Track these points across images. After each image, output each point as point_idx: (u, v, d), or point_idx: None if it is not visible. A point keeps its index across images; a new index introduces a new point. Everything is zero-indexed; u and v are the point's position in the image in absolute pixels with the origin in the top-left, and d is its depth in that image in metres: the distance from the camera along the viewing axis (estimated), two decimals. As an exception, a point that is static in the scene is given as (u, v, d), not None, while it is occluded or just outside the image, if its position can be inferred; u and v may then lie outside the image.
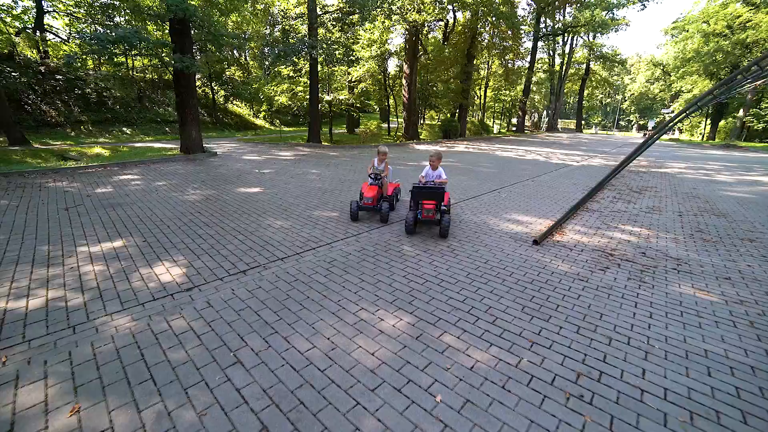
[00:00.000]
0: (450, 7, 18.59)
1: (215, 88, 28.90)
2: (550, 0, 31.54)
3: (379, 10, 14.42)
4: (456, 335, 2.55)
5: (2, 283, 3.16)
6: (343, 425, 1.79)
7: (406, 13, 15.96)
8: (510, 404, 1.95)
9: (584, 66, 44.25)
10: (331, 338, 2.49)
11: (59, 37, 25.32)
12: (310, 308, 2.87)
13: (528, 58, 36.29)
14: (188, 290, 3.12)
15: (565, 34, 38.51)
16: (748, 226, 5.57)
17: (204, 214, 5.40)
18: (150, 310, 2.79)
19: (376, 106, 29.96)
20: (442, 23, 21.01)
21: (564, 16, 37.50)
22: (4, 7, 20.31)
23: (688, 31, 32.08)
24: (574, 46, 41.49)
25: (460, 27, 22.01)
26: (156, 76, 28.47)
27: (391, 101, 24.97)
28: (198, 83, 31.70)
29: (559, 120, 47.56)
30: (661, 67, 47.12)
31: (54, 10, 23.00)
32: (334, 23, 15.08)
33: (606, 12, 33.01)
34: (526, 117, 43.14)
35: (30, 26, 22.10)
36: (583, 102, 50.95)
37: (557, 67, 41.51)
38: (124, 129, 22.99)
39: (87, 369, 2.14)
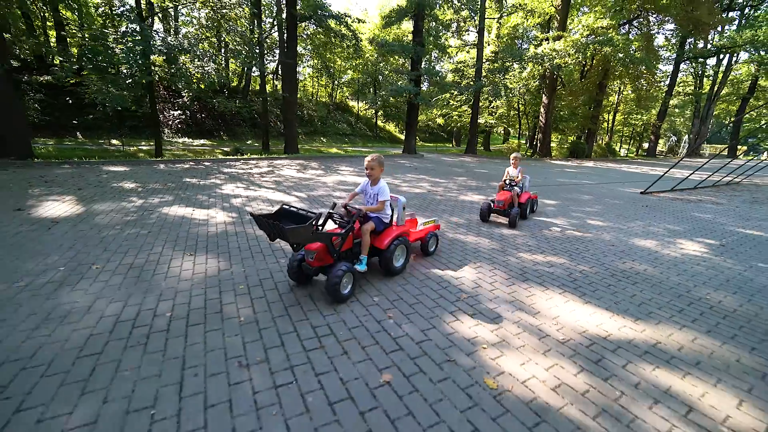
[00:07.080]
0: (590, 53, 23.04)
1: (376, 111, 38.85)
2: (700, 24, 29.29)
3: (533, 60, 20.25)
4: (612, 197, 8.27)
5: (443, 186, 10.20)
6: (580, 206, 7.85)
7: (553, 60, 21.32)
8: (629, 209, 7.62)
9: (748, 83, 39.02)
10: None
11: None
12: (551, 197, 9.01)
13: (667, 81, 35.43)
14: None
15: (720, 54, 35.68)
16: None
17: (477, 175, 12.10)
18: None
19: (509, 129, 35.33)
20: (581, 64, 25.37)
21: (720, 36, 34.56)
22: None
23: None
24: (733, 63, 37.53)
25: (595, 61, 25.85)
26: (331, 102, 40.33)
27: (523, 123, 30.09)
28: (364, 105, 43.14)
29: (705, 144, 43.58)
30: None
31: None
32: (496, 70, 21.51)
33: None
34: (661, 141, 41.38)
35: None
36: (744, 124, 44.71)
37: (705, 89, 38.90)
38: (321, 138, 33.99)
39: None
